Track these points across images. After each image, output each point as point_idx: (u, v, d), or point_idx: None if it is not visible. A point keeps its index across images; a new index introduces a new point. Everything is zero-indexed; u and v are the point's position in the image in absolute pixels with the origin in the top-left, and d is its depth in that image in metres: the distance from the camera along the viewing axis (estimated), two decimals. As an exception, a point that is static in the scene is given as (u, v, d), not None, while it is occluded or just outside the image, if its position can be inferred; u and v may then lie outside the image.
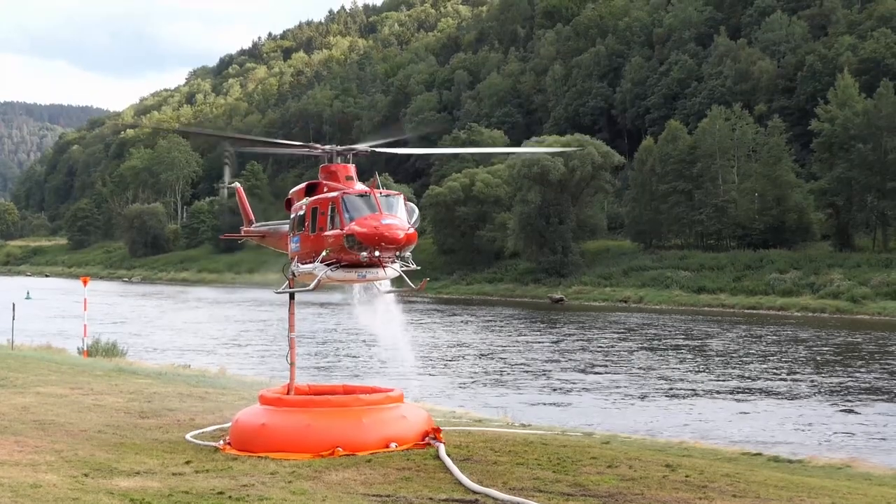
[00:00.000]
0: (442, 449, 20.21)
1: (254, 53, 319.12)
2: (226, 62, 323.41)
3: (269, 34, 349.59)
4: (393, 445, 20.54)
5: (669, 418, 39.04)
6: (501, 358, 62.76)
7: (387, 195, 22.69)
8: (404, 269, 23.07)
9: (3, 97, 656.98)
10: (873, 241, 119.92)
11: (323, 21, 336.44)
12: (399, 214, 22.48)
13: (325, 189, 23.53)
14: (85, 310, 48.87)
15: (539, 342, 72.97)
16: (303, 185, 24.86)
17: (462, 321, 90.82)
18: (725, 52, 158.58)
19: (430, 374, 52.77)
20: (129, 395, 28.76)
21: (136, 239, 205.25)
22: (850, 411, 42.97)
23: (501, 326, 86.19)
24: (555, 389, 48.86)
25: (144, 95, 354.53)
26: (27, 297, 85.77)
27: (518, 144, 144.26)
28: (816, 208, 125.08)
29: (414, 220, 22.83)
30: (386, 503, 15.84)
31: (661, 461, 20.78)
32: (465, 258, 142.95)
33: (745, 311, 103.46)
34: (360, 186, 23.31)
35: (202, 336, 72.75)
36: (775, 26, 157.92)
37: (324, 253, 22.44)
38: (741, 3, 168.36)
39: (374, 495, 16.39)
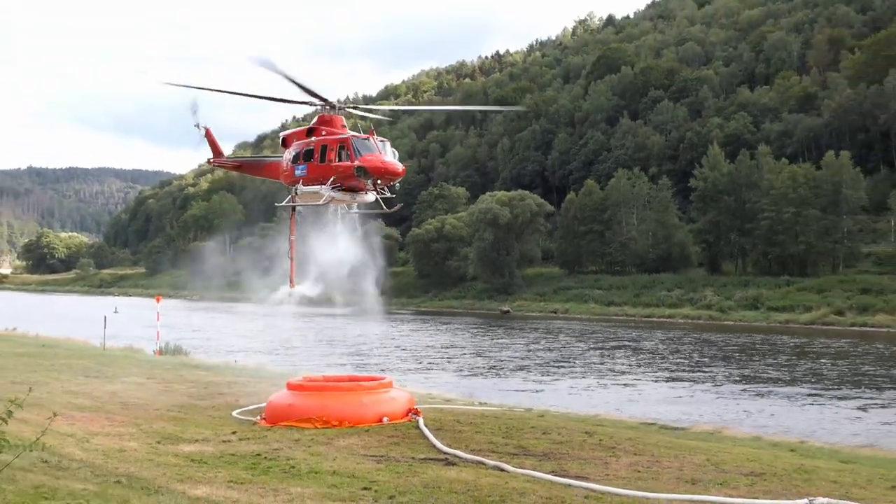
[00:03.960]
0: (421, 421, 20.24)
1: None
2: (262, 138, 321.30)
3: (293, 117, 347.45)
4: (385, 419, 20.57)
5: (606, 398, 39.09)
6: (470, 353, 62.74)
7: (381, 140, 24.05)
8: (382, 195, 24.20)
9: (98, 164, 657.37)
10: (735, 267, 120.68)
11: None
12: (391, 154, 23.88)
13: (324, 132, 24.63)
14: (158, 320, 48.66)
15: (496, 342, 72.95)
16: (303, 128, 25.95)
17: (437, 328, 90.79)
18: (627, 130, 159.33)
19: (419, 366, 52.74)
20: (191, 384, 28.67)
21: (196, 268, 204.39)
22: (727, 391, 43.17)
23: (466, 331, 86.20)
24: (512, 376, 48.81)
25: (201, 162, 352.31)
26: (115, 312, 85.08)
27: (476, 198, 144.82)
28: (694, 243, 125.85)
29: (396, 158, 24.04)
30: (380, 461, 15.81)
31: (582, 429, 20.89)
32: (437, 281, 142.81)
33: (643, 318, 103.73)
34: (350, 132, 24.49)
35: (249, 339, 72.48)
36: (664, 111, 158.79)
37: (332, 178, 23.56)
38: (639, 93, 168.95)
39: (371, 456, 16.37)
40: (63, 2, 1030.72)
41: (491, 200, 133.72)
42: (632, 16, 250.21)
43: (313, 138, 24.81)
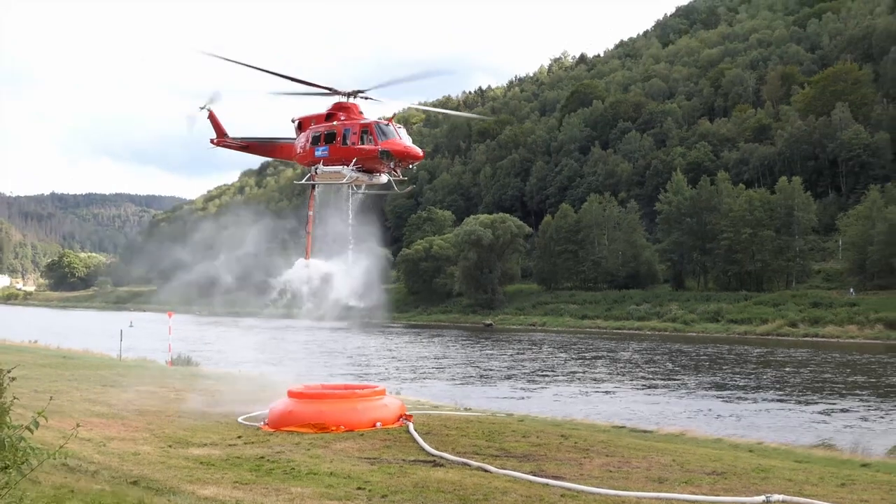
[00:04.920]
0: (411, 426, 20.21)
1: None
2: (265, 166, 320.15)
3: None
4: (378, 424, 20.53)
5: (588, 405, 39.11)
6: (461, 363, 62.63)
7: (399, 126, 24.15)
8: (394, 177, 24.35)
9: (115, 190, 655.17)
10: (698, 283, 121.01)
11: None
12: (408, 139, 24.05)
13: (343, 117, 24.46)
14: (169, 333, 48.54)
15: (485, 352, 72.90)
16: (322, 112, 25.32)
17: (429, 340, 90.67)
18: (599, 158, 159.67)
19: (414, 375, 52.63)
20: (200, 392, 28.57)
21: (204, 286, 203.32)
22: (700, 397, 43.24)
23: (456, 342, 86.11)
24: (501, 385, 48.74)
25: (210, 188, 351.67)
26: (131, 326, 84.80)
27: (461, 221, 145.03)
28: (660, 261, 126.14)
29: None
30: (374, 463, 15.80)
31: (558, 432, 20.86)
32: (426, 297, 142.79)
33: (614, 330, 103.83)
34: (371, 118, 24.39)
35: (254, 351, 72.18)
36: (631, 141, 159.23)
37: (355, 160, 23.57)
38: (609, 125, 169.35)
39: (365, 458, 16.37)
40: (84, 44, 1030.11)
41: (475, 223, 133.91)
42: (602, 54, 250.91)
43: (334, 122, 24.63)
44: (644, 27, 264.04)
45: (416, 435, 19.08)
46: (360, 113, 24.85)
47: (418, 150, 24.12)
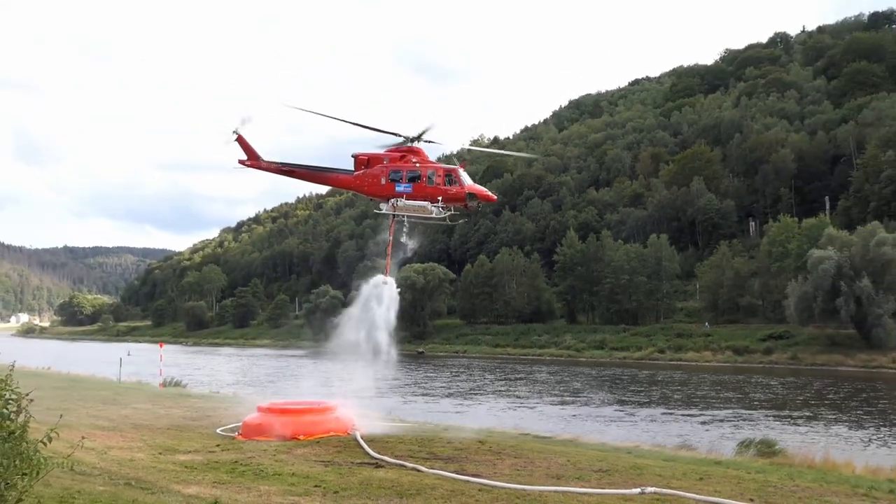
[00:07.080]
0: (358, 435, 20.04)
1: (256, 219, 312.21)
2: (241, 224, 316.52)
3: (264, 209, 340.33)
4: (331, 434, 20.35)
5: (514, 417, 39.07)
6: (406, 384, 62.07)
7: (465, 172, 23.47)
8: (448, 212, 23.53)
9: (117, 244, 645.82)
10: (587, 318, 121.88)
11: (293, 202, 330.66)
12: None
13: (415, 159, 23.50)
14: (161, 360, 47.66)
15: (426, 375, 72.55)
16: (396, 154, 23.93)
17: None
18: (509, 219, 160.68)
19: (367, 394, 52.09)
20: (185, 408, 28.08)
21: (190, 321, 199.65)
22: (604, 409, 43.44)
23: (401, 368, 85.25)
24: (442, 401, 48.47)
25: (195, 242, 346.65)
26: (129, 354, 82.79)
27: (399, 269, 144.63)
28: (557, 301, 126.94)
29: None
30: (327, 465, 15.65)
31: (476, 439, 20.83)
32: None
33: (521, 356, 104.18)
34: (447, 164, 23.71)
35: (233, 375, 71.15)
36: (534, 205, 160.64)
37: (440, 198, 22.74)
38: (516, 192, 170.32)
39: (320, 461, 16.20)
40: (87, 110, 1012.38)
41: (410, 270, 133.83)
42: (511, 137, 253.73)
43: (416, 164, 23.55)
44: (543, 116, 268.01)
45: (361, 442, 18.93)
46: (426, 156, 23.92)
47: (494, 195, 23.89)
